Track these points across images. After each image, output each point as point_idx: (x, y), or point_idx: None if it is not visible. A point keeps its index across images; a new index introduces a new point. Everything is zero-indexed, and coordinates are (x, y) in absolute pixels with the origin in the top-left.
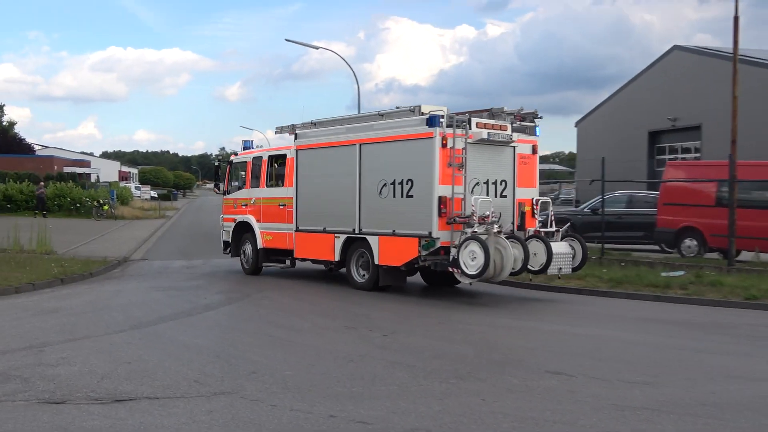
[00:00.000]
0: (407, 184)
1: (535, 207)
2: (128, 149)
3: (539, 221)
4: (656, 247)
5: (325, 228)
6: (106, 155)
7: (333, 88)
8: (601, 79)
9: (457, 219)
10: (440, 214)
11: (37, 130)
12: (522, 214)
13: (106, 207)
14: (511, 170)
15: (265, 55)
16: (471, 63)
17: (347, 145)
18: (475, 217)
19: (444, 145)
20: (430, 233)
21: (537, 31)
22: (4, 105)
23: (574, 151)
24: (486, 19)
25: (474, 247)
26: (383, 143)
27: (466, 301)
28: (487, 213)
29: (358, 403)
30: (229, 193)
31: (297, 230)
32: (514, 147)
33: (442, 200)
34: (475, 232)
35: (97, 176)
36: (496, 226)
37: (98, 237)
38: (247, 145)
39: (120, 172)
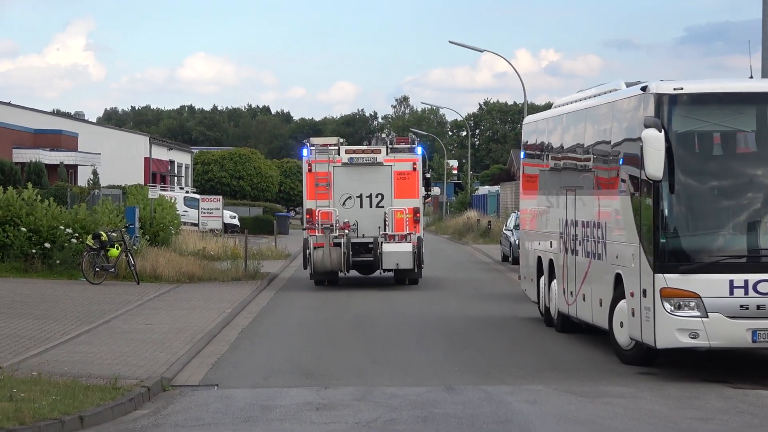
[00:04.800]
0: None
1: (416, 215)
2: (169, 104)
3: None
4: None
5: None
6: (114, 118)
7: None
8: None
9: (307, 226)
10: (307, 223)
11: None
12: (396, 220)
13: (115, 251)
14: (389, 185)
15: None
16: None
17: None
18: (333, 225)
19: (310, 170)
20: (306, 239)
21: None
22: None
23: None
24: None
25: (308, 249)
26: None
27: None
28: (347, 221)
29: None
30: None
31: None
32: (391, 166)
33: (309, 212)
34: (314, 237)
35: (94, 172)
36: (338, 231)
37: (98, 326)
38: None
39: (149, 161)
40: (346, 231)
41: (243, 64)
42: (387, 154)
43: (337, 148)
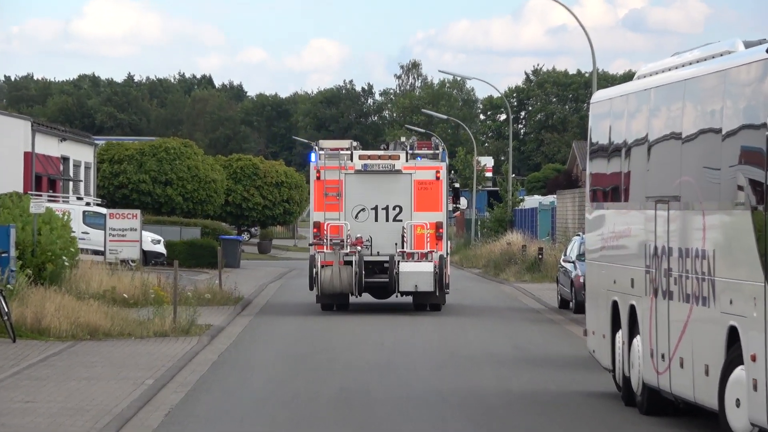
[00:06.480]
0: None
1: (439, 230)
2: (61, 73)
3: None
4: None
5: None
6: None
7: None
8: None
9: (314, 241)
10: (314, 237)
11: None
12: (415, 236)
13: None
14: (408, 196)
15: None
16: None
17: None
18: (344, 241)
19: (318, 178)
20: (313, 255)
21: None
22: None
23: None
24: None
25: (315, 268)
26: None
27: None
28: (359, 236)
29: None
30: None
31: None
32: (410, 174)
33: (316, 225)
34: (321, 253)
35: None
36: (349, 248)
37: None
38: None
39: (31, 157)
40: (359, 248)
41: (172, 14)
42: (407, 161)
43: (349, 152)
